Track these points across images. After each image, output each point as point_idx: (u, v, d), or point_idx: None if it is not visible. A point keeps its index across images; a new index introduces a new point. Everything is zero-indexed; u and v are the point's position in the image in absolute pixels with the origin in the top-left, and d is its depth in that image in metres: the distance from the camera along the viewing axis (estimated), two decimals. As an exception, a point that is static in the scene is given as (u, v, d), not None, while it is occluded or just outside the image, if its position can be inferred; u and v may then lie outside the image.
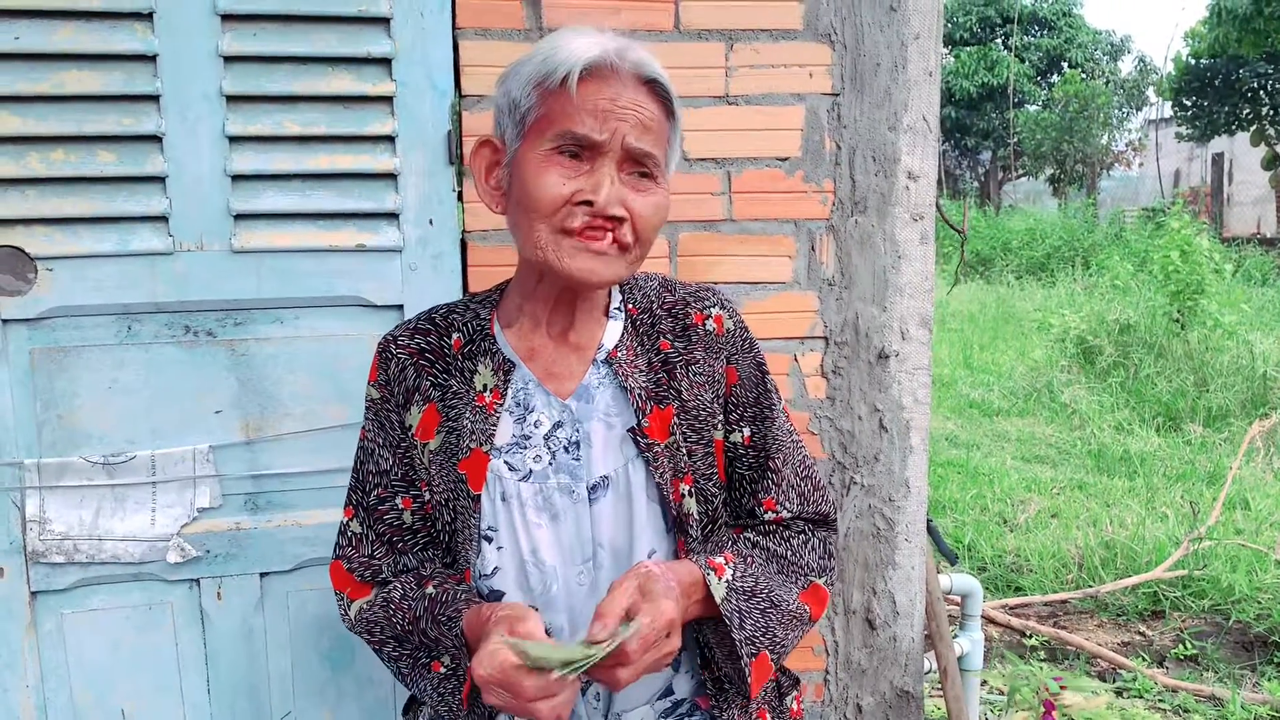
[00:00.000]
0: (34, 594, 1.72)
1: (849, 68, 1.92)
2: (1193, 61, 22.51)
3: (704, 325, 1.32)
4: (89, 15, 1.63)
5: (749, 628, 1.25)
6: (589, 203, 1.15)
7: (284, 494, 1.79)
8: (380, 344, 1.34)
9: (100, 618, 1.76)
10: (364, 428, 1.35)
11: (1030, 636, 3.45)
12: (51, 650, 1.74)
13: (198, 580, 1.77)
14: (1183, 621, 3.66)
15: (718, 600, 1.22)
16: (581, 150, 1.17)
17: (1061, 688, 2.51)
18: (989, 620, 3.46)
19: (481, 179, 1.27)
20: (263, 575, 1.80)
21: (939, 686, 2.21)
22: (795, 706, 1.43)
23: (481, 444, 1.25)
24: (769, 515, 1.34)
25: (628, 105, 1.16)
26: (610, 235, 1.17)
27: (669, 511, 1.27)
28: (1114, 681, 3.15)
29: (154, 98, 1.67)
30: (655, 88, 1.19)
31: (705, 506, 1.30)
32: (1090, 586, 3.88)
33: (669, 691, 1.32)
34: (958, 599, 2.37)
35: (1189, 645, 3.44)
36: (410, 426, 1.30)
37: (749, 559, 1.29)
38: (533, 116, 1.18)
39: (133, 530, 1.73)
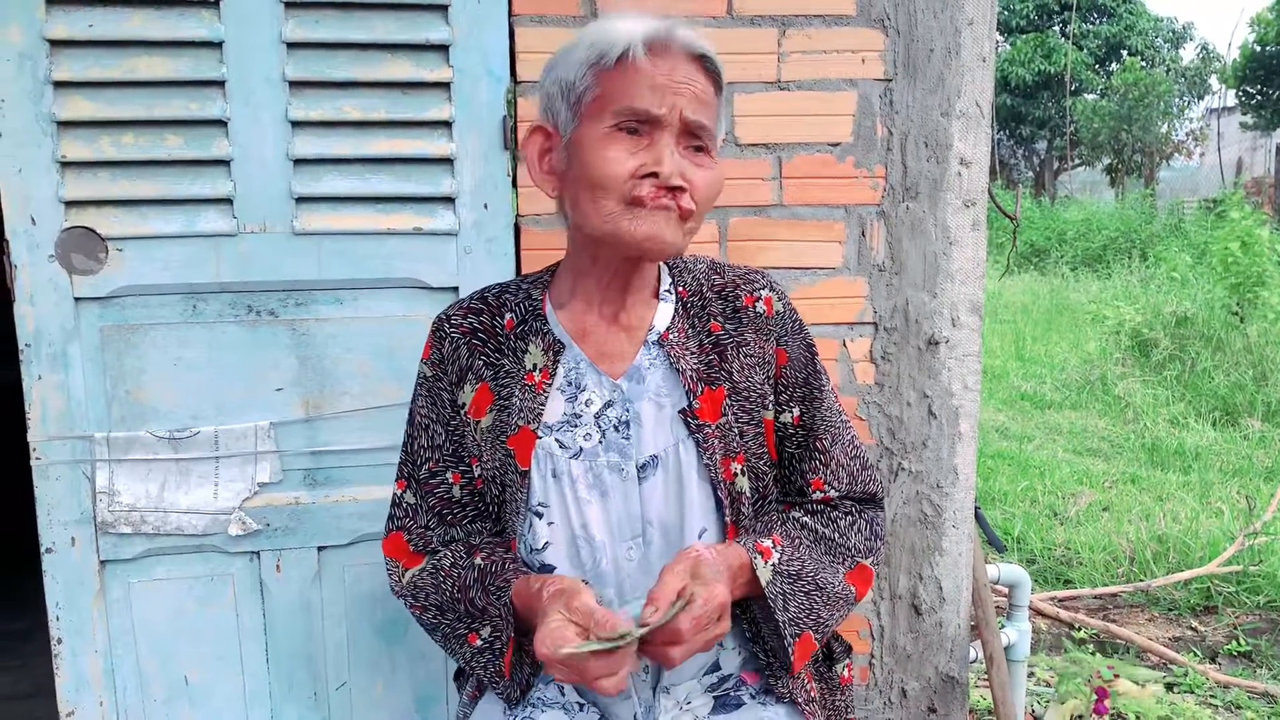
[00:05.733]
0: (103, 563, 1.79)
1: (902, 53, 1.91)
2: (1259, 48, 21.96)
3: (754, 307, 1.33)
4: (159, 3, 1.68)
5: (793, 609, 1.27)
6: (654, 175, 1.18)
7: (341, 470, 1.84)
8: (435, 322, 1.37)
9: (164, 587, 1.82)
10: (416, 403, 1.38)
11: (1079, 629, 3.42)
12: (119, 617, 1.81)
13: (258, 553, 1.83)
14: (1236, 617, 3.60)
15: (763, 583, 1.24)
16: (641, 126, 1.19)
17: (1115, 675, 2.49)
18: (1037, 612, 3.43)
19: (535, 165, 1.29)
20: (320, 549, 1.85)
21: (985, 675, 2.20)
22: (845, 674, 1.46)
23: (529, 422, 1.28)
24: (817, 495, 1.35)
25: (683, 80, 1.19)
26: (674, 201, 1.20)
27: (719, 491, 1.29)
28: (1165, 675, 3.11)
29: (220, 83, 1.71)
30: (705, 63, 1.22)
31: (756, 484, 1.33)
32: (1141, 580, 3.83)
33: (716, 667, 1.34)
34: (1005, 589, 2.36)
35: (1242, 642, 3.38)
36: (463, 405, 1.33)
37: (796, 541, 1.30)
38: (589, 97, 1.21)
39: (196, 503, 1.79)
